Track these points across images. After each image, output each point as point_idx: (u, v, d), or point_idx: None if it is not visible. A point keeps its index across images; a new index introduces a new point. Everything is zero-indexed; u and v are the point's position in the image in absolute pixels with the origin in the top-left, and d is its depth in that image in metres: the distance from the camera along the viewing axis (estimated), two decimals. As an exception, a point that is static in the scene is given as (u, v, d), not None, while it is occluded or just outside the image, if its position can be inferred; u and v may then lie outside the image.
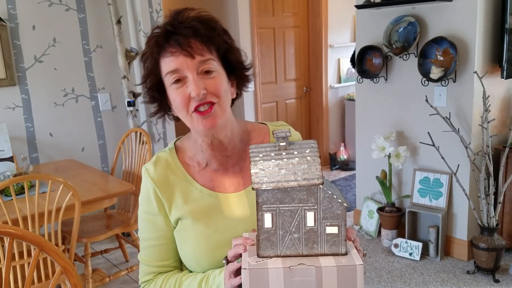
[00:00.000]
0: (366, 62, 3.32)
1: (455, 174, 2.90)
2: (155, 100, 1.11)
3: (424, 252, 3.13)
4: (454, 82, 2.92)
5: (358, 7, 3.22)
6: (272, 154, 0.86)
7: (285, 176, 0.83)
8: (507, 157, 2.88)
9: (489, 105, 2.79)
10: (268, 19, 4.83)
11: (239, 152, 1.15)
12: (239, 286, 0.91)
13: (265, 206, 0.85)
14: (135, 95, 3.70)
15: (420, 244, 3.09)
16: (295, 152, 0.86)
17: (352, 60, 3.62)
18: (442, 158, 2.91)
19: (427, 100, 2.91)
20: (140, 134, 3.18)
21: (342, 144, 5.41)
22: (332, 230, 0.86)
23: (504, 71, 2.86)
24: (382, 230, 3.35)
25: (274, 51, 4.97)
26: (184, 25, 1.02)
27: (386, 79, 3.29)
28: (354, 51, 3.51)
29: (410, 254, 3.12)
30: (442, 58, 2.88)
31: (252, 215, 1.07)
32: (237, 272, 0.92)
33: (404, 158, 3.14)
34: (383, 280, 2.90)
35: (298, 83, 5.29)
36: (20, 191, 2.48)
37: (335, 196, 0.85)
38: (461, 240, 3.10)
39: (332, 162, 5.37)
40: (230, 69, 1.09)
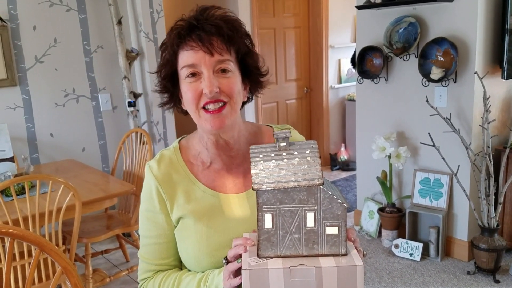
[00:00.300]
0: (367, 63, 3.32)
1: (455, 175, 2.90)
2: (167, 90, 1.11)
3: (425, 253, 3.13)
4: (455, 82, 2.92)
5: (359, 7, 3.22)
6: (273, 155, 0.86)
7: (285, 177, 0.83)
8: (508, 157, 2.88)
9: (489, 105, 2.79)
10: (268, 20, 4.83)
11: (244, 154, 1.15)
12: (238, 286, 0.91)
13: (265, 206, 0.85)
14: (135, 96, 3.70)
15: (420, 245, 3.09)
16: (296, 153, 0.86)
17: (352, 60, 3.62)
18: (443, 159, 2.91)
19: (427, 101, 2.91)
20: (141, 134, 3.19)
21: (343, 144, 5.41)
22: (332, 230, 0.86)
23: (505, 72, 2.86)
24: (383, 230, 3.36)
25: (274, 52, 4.98)
26: (209, 22, 1.02)
27: (386, 80, 3.29)
28: (355, 52, 3.51)
29: (411, 255, 3.12)
30: (442, 59, 2.88)
31: (253, 216, 1.07)
32: (236, 273, 0.92)
33: (404, 159, 3.14)
34: (384, 280, 2.90)
35: (298, 83, 5.29)
36: (21, 191, 2.48)
37: (335, 197, 0.85)
38: (461, 240, 3.10)
39: (332, 162, 5.36)
40: (246, 72, 1.09)
